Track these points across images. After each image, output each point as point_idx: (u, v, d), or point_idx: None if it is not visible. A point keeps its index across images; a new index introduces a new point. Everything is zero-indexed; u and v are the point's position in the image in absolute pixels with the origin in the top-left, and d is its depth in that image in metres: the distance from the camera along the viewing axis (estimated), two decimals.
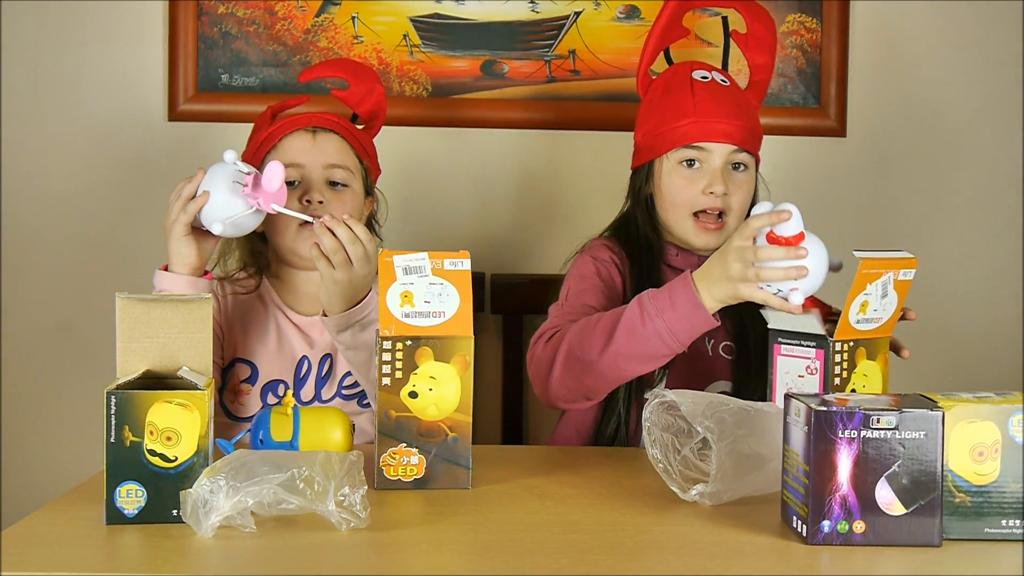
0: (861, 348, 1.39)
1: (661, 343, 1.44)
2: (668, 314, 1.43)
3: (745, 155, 1.66)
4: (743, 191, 1.67)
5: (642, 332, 1.45)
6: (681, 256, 1.71)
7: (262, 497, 1.09)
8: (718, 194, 1.64)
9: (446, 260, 1.30)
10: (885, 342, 1.42)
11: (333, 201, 1.65)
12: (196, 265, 1.56)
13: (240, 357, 1.69)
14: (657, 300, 1.45)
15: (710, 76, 1.69)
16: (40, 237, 2.14)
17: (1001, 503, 1.13)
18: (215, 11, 2.12)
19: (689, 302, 1.43)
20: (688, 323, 1.43)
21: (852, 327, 1.37)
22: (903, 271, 1.38)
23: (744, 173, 1.67)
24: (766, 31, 1.76)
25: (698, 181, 1.65)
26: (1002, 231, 2.20)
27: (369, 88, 1.78)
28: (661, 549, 1.11)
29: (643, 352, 1.46)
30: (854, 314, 1.36)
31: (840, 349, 1.37)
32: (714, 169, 1.64)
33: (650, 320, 1.44)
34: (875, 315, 1.38)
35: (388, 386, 1.29)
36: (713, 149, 1.65)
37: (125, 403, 1.12)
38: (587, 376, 1.50)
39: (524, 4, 2.14)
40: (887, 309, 1.39)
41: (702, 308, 1.42)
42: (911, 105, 2.19)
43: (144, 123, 2.13)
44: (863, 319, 1.38)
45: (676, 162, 1.67)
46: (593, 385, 1.52)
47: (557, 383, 1.53)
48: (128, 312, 1.22)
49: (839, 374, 1.37)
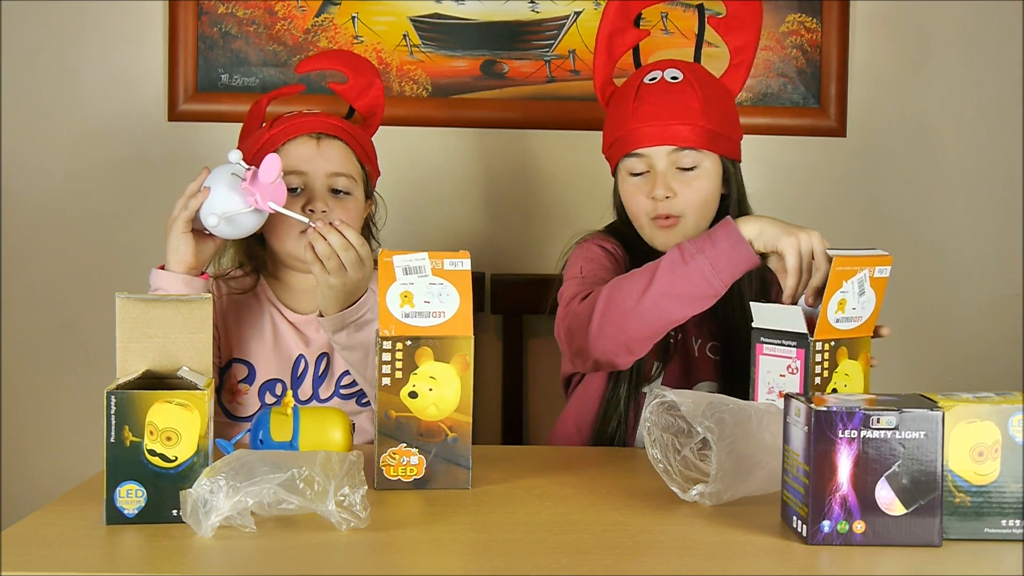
0: (843, 348, 1.39)
1: (703, 280, 1.45)
2: (709, 251, 1.44)
3: (692, 154, 1.62)
4: (692, 190, 1.63)
5: (684, 270, 1.45)
6: None
7: (262, 497, 1.09)
8: (659, 198, 1.62)
9: (446, 260, 1.30)
10: (866, 341, 1.42)
11: (336, 209, 1.65)
12: (192, 264, 1.56)
13: (237, 357, 1.69)
14: (697, 241, 1.46)
15: (660, 76, 1.66)
16: (40, 237, 2.14)
17: (1001, 503, 1.13)
18: (215, 11, 2.12)
19: (728, 238, 1.44)
20: (729, 258, 1.44)
21: (832, 326, 1.38)
22: (879, 268, 1.39)
23: (694, 173, 1.63)
24: (749, 11, 1.71)
25: (645, 187, 1.64)
26: (1002, 231, 2.20)
27: (368, 82, 1.77)
28: (661, 549, 1.11)
29: (686, 292, 1.46)
30: (833, 313, 1.37)
31: (821, 349, 1.37)
32: (657, 173, 1.63)
33: (691, 258, 1.45)
34: (854, 314, 1.39)
35: (388, 386, 1.29)
36: (651, 153, 1.63)
37: (125, 403, 1.12)
38: (629, 322, 1.49)
39: (524, 4, 2.14)
40: (866, 307, 1.39)
41: (743, 242, 1.43)
42: (911, 105, 2.19)
43: (144, 123, 2.13)
44: (842, 318, 1.38)
45: (626, 172, 1.66)
46: (635, 332, 1.50)
47: (596, 334, 1.51)
48: (128, 312, 1.22)
49: (820, 373, 1.38)
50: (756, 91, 2.16)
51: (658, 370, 1.64)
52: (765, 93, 2.16)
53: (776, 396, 1.42)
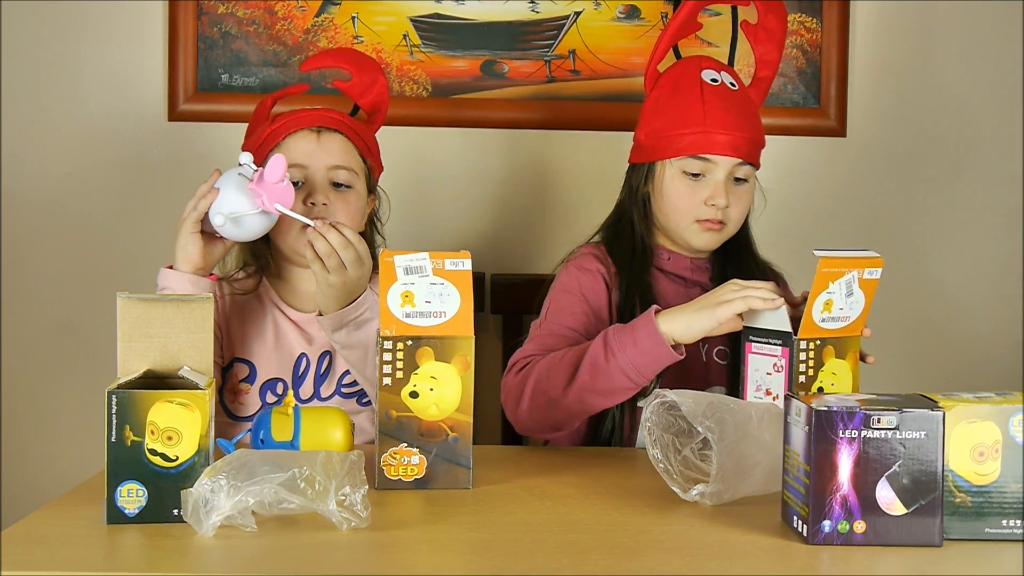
0: (829, 347, 1.40)
1: (624, 378, 1.47)
2: (630, 349, 1.46)
3: (748, 168, 1.65)
4: (743, 203, 1.67)
5: (605, 368, 1.47)
6: (673, 260, 1.70)
7: (263, 496, 1.09)
8: (719, 207, 1.63)
9: (447, 260, 1.30)
10: (855, 341, 1.43)
11: (337, 203, 1.65)
12: (199, 265, 1.56)
13: (239, 356, 1.69)
14: (621, 336, 1.47)
15: (720, 79, 1.66)
16: (40, 237, 2.14)
17: (1001, 503, 1.13)
18: (215, 11, 2.12)
19: (650, 337, 1.45)
20: (650, 357, 1.45)
21: (817, 326, 1.39)
22: (868, 270, 1.39)
23: (745, 186, 1.66)
24: (778, 23, 1.73)
25: (700, 191, 1.64)
26: (1002, 231, 2.21)
27: (372, 79, 1.77)
28: (661, 549, 1.11)
29: (607, 387, 1.48)
30: (818, 313, 1.38)
31: (805, 347, 1.39)
32: (717, 181, 1.63)
33: (613, 356, 1.46)
34: (841, 314, 1.40)
35: (389, 386, 1.29)
36: (719, 161, 1.63)
37: (126, 403, 1.12)
38: (553, 410, 1.52)
39: (524, 4, 2.14)
40: (854, 308, 1.40)
41: (663, 344, 1.44)
42: (911, 105, 2.19)
43: (144, 123, 2.13)
44: (828, 318, 1.39)
45: (680, 169, 1.65)
46: (559, 418, 1.53)
47: (525, 415, 1.54)
48: (129, 312, 1.22)
49: (804, 372, 1.39)
50: None
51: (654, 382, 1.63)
52: None
53: (763, 394, 1.43)
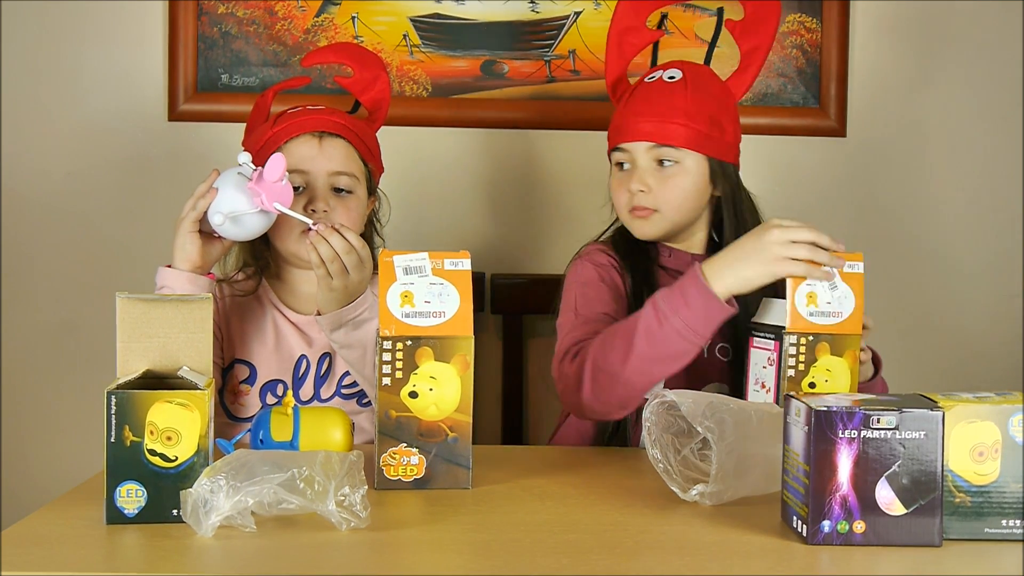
0: (823, 343, 1.40)
1: (682, 340, 1.45)
2: (683, 311, 1.44)
3: (671, 151, 1.63)
4: (670, 185, 1.64)
5: (661, 334, 1.45)
6: (674, 256, 1.70)
7: (262, 497, 1.09)
8: (633, 191, 1.64)
9: (446, 260, 1.30)
10: (854, 340, 1.42)
11: (338, 208, 1.65)
12: (198, 264, 1.56)
13: (239, 358, 1.69)
14: (671, 299, 1.46)
15: (659, 75, 1.67)
16: (40, 237, 2.14)
17: (1001, 503, 1.13)
18: (215, 11, 2.12)
19: (701, 295, 1.44)
20: (704, 315, 1.44)
21: (805, 319, 1.39)
22: (848, 264, 1.41)
23: (673, 168, 1.64)
24: (768, 11, 1.72)
25: (625, 181, 1.66)
26: (1002, 231, 2.20)
27: (374, 75, 1.77)
28: (661, 549, 1.11)
29: (666, 353, 1.46)
30: (803, 306, 1.40)
31: (796, 342, 1.39)
32: (637, 168, 1.65)
33: (667, 320, 1.45)
34: (830, 308, 1.40)
35: (388, 386, 1.29)
36: (631, 148, 1.65)
37: (125, 403, 1.12)
38: (616, 387, 1.49)
39: (524, 4, 2.14)
40: (843, 303, 1.41)
41: (715, 299, 1.43)
42: (911, 105, 2.19)
43: (144, 123, 2.13)
44: (816, 312, 1.40)
45: (614, 165, 1.70)
46: (624, 395, 1.50)
47: (589, 397, 1.51)
48: (128, 312, 1.22)
49: (794, 366, 1.40)
50: (756, 91, 2.15)
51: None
52: (765, 93, 2.16)
53: (760, 387, 1.44)
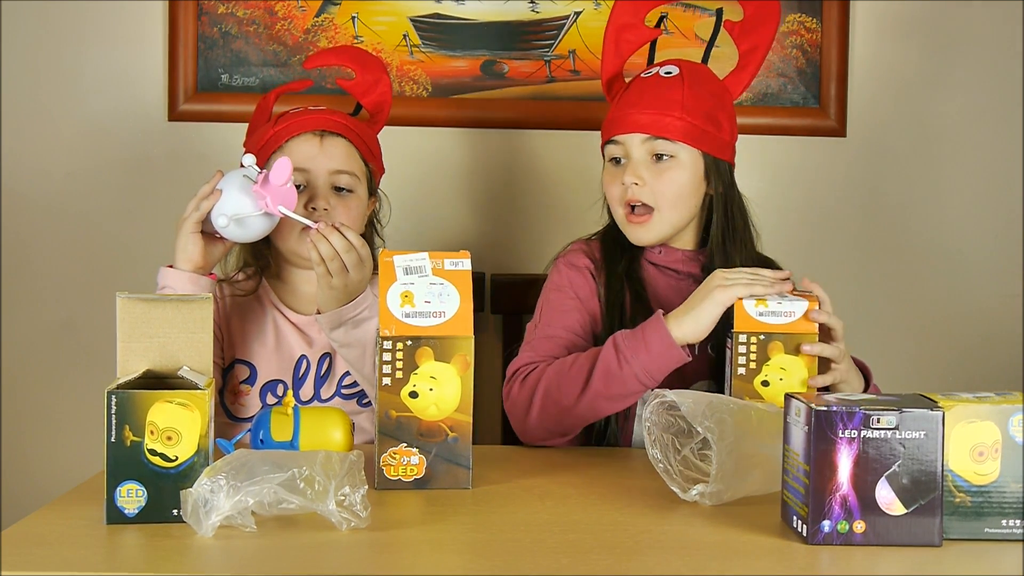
0: (776, 342, 1.45)
1: (637, 383, 1.48)
2: (643, 356, 1.47)
3: (665, 144, 1.62)
4: (666, 178, 1.63)
5: (619, 375, 1.48)
6: (665, 252, 1.70)
7: (262, 497, 1.09)
8: (627, 184, 1.63)
9: (446, 260, 1.30)
10: (809, 337, 1.46)
11: (338, 207, 1.65)
12: (199, 264, 1.56)
13: (239, 358, 1.69)
14: (632, 343, 1.48)
15: (656, 71, 1.67)
16: (40, 237, 2.14)
17: (1001, 503, 1.13)
18: (215, 11, 2.12)
19: (662, 341, 1.47)
20: (662, 362, 1.48)
21: (755, 319, 1.44)
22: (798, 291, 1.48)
23: (669, 162, 1.63)
24: (768, 13, 1.72)
25: (620, 174, 1.65)
26: (1002, 231, 2.20)
27: (376, 78, 1.77)
28: (661, 549, 1.11)
29: (619, 392, 1.50)
30: (751, 307, 1.44)
31: (745, 341, 1.45)
32: (632, 160, 1.64)
33: (626, 364, 1.48)
34: (780, 308, 1.45)
35: (388, 386, 1.29)
36: (625, 140, 1.64)
37: (126, 403, 1.12)
38: (565, 418, 1.53)
39: (524, 4, 2.14)
40: (793, 304, 1.45)
41: (675, 347, 1.47)
42: (911, 105, 2.19)
43: (144, 123, 2.13)
44: (767, 312, 1.45)
45: (607, 159, 1.69)
46: (570, 425, 1.55)
47: (535, 424, 1.54)
48: (128, 312, 1.22)
49: (744, 364, 1.45)
50: (756, 91, 2.15)
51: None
52: (765, 93, 2.16)
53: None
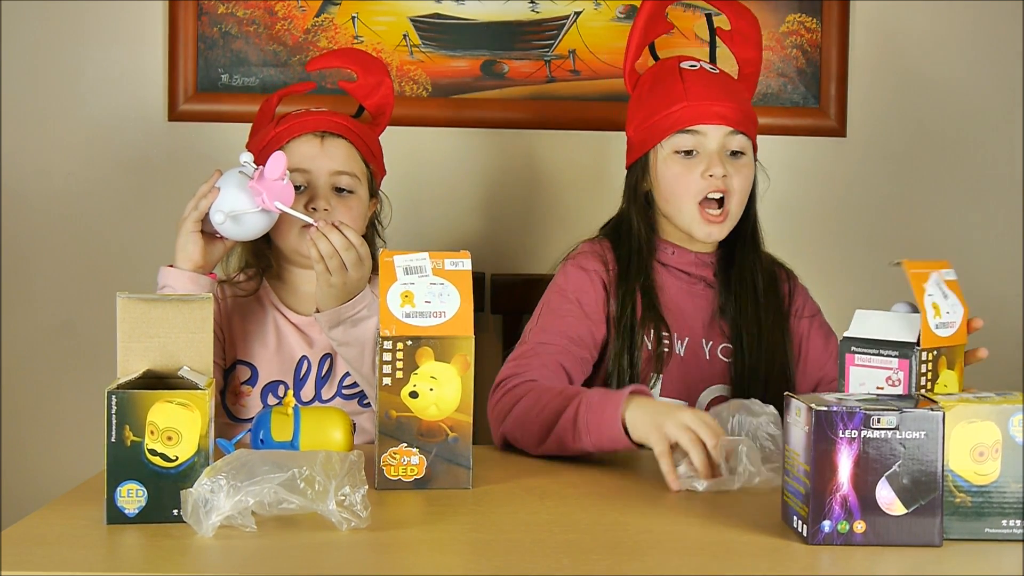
0: (943, 357, 1.32)
1: (584, 452, 1.43)
2: (595, 435, 1.39)
3: (742, 138, 1.62)
4: (742, 176, 1.62)
5: (572, 445, 1.42)
6: (677, 254, 1.69)
7: (263, 497, 1.09)
8: (717, 176, 1.59)
9: (447, 260, 1.30)
10: (960, 350, 1.36)
11: (339, 208, 1.65)
12: (200, 263, 1.56)
13: (240, 359, 1.69)
14: (591, 417, 1.40)
15: (698, 65, 1.67)
16: (40, 237, 2.14)
17: (1001, 503, 1.13)
18: (215, 11, 2.12)
19: (615, 428, 1.38)
20: (610, 444, 1.39)
21: (934, 333, 1.30)
22: (943, 271, 1.34)
23: (743, 159, 1.63)
24: (750, 28, 1.74)
25: (696, 167, 1.61)
26: (1002, 231, 2.20)
27: (378, 80, 1.77)
28: (661, 549, 1.11)
29: (572, 452, 1.44)
30: (932, 317, 1.30)
31: (926, 359, 1.30)
32: (711, 152, 1.61)
33: (579, 438, 1.41)
34: (949, 318, 1.32)
35: (389, 386, 1.29)
36: (708, 131, 1.61)
37: (126, 403, 1.12)
38: (530, 449, 1.49)
39: (524, 4, 2.14)
40: (956, 312, 1.33)
41: (624, 437, 1.38)
42: (911, 105, 2.19)
43: (144, 123, 2.13)
44: (940, 323, 1.31)
45: (671, 150, 1.63)
46: (536, 454, 1.50)
47: (509, 439, 1.53)
48: (129, 312, 1.22)
49: (924, 385, 1.30)
50: (756, 91, 2.14)
51: (653, 382, 1.63)
52: (765, 93, 2.16)
53: None
